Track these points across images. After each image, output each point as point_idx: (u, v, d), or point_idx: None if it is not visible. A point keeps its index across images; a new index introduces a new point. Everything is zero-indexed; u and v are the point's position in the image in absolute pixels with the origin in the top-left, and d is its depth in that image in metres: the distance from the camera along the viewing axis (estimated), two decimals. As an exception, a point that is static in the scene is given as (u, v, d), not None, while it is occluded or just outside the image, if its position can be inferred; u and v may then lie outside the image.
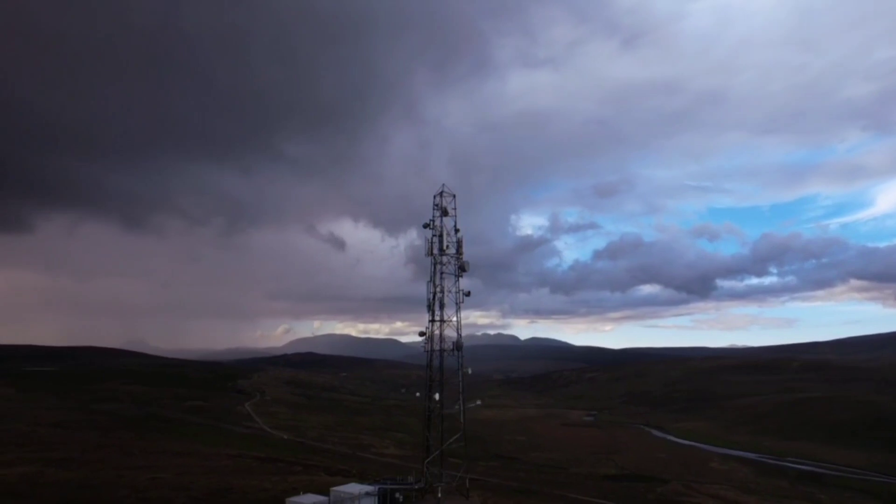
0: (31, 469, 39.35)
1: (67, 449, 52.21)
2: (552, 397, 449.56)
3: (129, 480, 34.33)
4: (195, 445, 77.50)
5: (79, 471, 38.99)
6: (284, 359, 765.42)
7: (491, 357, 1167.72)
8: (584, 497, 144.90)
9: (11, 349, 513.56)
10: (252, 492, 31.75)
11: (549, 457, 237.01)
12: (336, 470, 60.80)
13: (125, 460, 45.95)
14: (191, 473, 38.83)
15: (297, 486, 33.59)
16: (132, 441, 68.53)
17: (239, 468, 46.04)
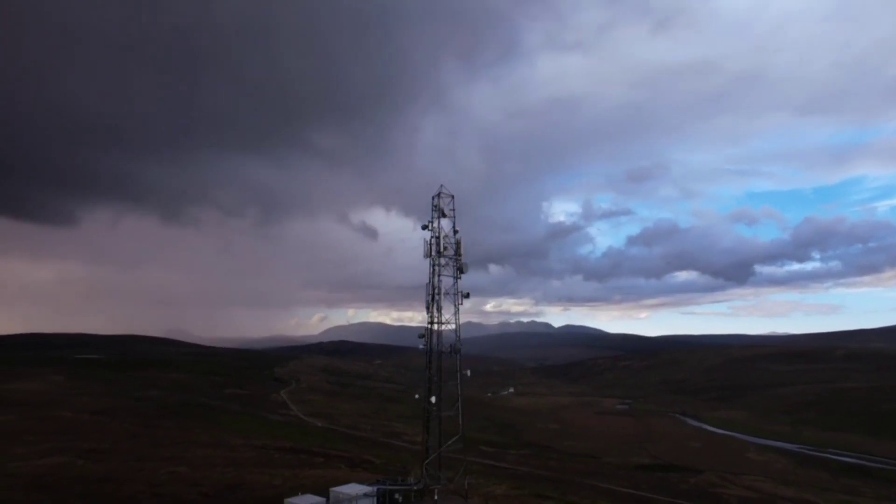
0: (62, 460, 41.19)
1: (101, 439, 54.40)
2: (586, 385, 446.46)
3: (148, 474, 35.54)
4: (226, 435, 79.71)
5: (106, 463, 40.61)
6: (319, 347, 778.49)
7: (524, 344, 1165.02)
8: (614, 487, 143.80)
9: (62, 337, 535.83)
10: (260, 488, 32.46)
11: (581, 445, 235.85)
12: (360, 461, 61.73)
13: (152, 452, 47.62)
14: (211, 466, 39.99)
15: (305, 483, 34.15)
16: (165, 431, 70.89)
17: (261, 460, 47.17)
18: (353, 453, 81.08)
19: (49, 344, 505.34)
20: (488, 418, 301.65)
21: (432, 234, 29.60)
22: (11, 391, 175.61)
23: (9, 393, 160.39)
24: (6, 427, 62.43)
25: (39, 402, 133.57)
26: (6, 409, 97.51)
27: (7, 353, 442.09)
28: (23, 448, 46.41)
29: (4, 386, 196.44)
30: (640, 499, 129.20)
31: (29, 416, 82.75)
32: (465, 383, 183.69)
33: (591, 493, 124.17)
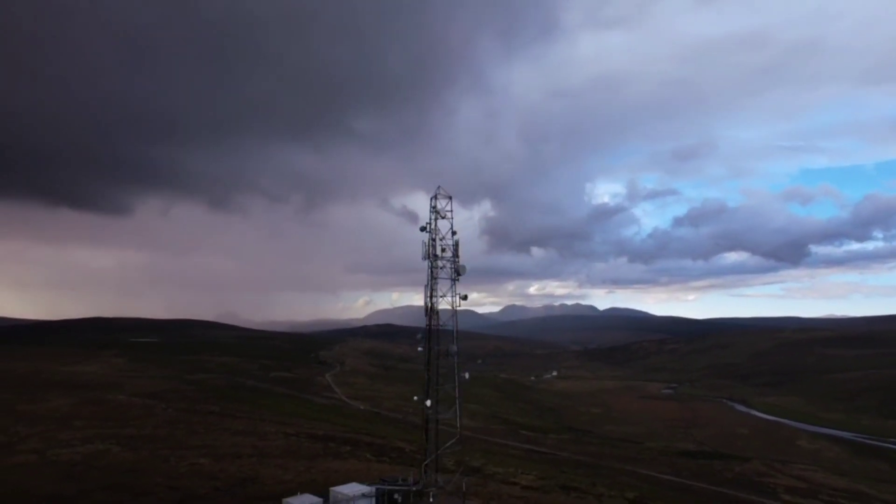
0: (101, 447, 43.62)
1: (143, 425, 57.25)
2: (630, 369, 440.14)
3: (172, 465, 37.26)
4: (262, 422, 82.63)
5: (139, 451, 42.75)
6: (364, 330, 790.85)
7: (568, 327, 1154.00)
8: (655, 473, 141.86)
9: (122, 322, 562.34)
10: (271, 483, 33.54)
11: (623, 430, 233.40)
12: (390, 449, 62.95)
13: (186, 439, 49.84)
14: (234, 457, 41.55)
15: (316, 479, 35.01)
16: (205, 417, 73.82)
17: (287, 450, 48.68)
18: (386, 440, 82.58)
19: (111, 327, 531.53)
20: (530, 402, 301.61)
21: (431, 235, 29.63)
22: (77, 373, 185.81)
23: (74, 375, 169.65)
24: (61, 411, 66.41)
25: (99, 384, 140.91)
26: (67, 392, 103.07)
27: (75, 336, 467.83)
28: (70, 434, 49.41)
29: (71, 368, 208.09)
30: (680, 486, 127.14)
31: (85, 399, 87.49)
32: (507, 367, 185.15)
33: (629, 480, 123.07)
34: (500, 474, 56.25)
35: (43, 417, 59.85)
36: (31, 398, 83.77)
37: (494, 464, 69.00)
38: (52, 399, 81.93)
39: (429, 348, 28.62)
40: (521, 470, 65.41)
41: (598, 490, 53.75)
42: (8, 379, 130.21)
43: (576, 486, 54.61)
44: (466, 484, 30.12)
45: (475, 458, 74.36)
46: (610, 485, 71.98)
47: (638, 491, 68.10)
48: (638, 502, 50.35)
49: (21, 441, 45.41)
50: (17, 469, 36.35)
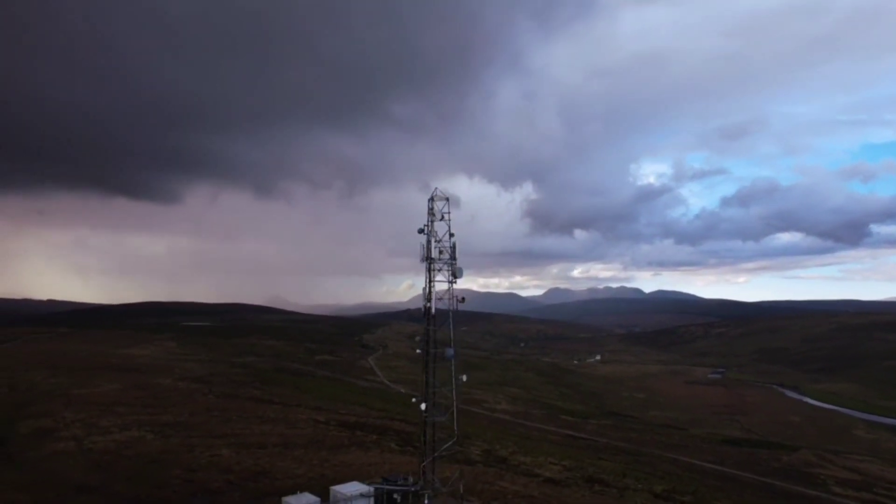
0: (136, 435, 45.65)
1: (181, 412, 59.56)
2: (676, 353, 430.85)
3: (194, 456, 38.52)
4: (298, 408, 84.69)
5: (171, 439, 44.52)
6: (407, 313, 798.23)
7: (612, 310, 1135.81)
8: (697, 461, 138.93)
9: (173, 306, 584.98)
10: (282, 477, 34.22)
11: (667, 416, 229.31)
12: (406, 438, 63.54)
13: (218, 427, 51.53)
14: (258, 447, 42.70)
15: (327, 474, 35.52)
16: (243, 403, 76.22)
17: (312, 439, 49.73)
18: (418, 426, 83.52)
19: (165, 311, 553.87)
20: (572, 386, 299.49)
21: (428, 237, 29.34)
22: (131, 356, 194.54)
23: (129, 359, 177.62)
24: (107, 397, 69.71)
25: (150, 367, 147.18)
26: (119, 376, 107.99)
27: (132, 319, 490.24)
28: (111, 420, 51.86)
29: (127, 351, 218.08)
30: (723, 475, 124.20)
31: (133, 384, 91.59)
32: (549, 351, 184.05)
33: (669, 468, 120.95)
34: (526, 464, 56.08)
35: (90, 403, 62.92)
36: (84, 382, 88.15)
37: (524, 452, 68.87)
38: (102, 384, 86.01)
39: (427, 351, 28.52)
40: (550, 459, 65.03)
41: (624, 482, 52.91)
42: (69, 362, 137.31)
43: (602, 477, 53.92)
44: (464, 486, 30.10)
45: (506, 446, 74.42)
46: (642, 476, 70.91)
47: (669, 483, 66.70)
48: (666, 496, 49.23)
49: (65, 427, 48.00)
50: (55, 457, 38.43)
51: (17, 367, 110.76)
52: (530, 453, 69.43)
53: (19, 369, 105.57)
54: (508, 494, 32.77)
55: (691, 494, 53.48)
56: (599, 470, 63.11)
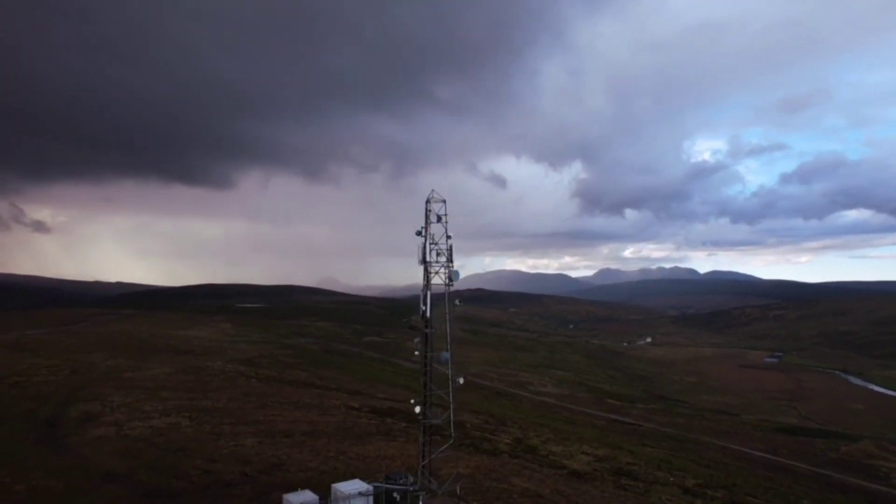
0: (173, 421, 47.80)
1: (221, 396, 61.90)
2: (731, 336, 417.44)
3: (218, 445, 39.85)
4: (338, 391, 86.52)
5: (203, 426, 46.36)
6: (456, 294, 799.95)
7: (666, 292, 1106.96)
8: (747, 449, 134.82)
9: (229, 288, 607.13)
10: (295, 470, 34.92)
11: (718, 401, 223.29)
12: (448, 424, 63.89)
13: (252, 414, 53.28)
14: (284, 436, 43.82)
15: (338, 468, 35.97)
16: (284, 386, 78.63)
17: (340, 427, 50.73)
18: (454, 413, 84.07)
19: (222, 293, 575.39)
20: (620, 369, 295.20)
21: (425, 239, 29.06)
22: (188, 338, 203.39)
23: (185, 340, 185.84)
24: (156, 381, 73.17)
25: (204, 349, 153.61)
26: (171, 359, 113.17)
27: (191, 301, 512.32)
28: (154, 405, 54.47)
29: (184, 332, 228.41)
30: (774, 465, 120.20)
31: (183, 367, 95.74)
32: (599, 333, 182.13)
33: (716, 456, 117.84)
34: (556, 455, 55.63)
35: (139, 387, 66.26)
36: (138, 365, 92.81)
37: (558, 440, 68.41)
38: (154, 367, 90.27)
39: (425, 353, 28.46)
40: (584, 448, 64.32)
41: (656, 475, 51.74)
42: (129, 343, 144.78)
43: (633, 469, 52.88)
44: (473, 483, 30.06)
45: (541, 434, 74.12)
46: (681, 466, 69.25)
47: (708, 474, 64.92)
48: (697, 491, 47.77)
49: (110, 412, 50.73)
50: (94, 443, 40.72)
51: (82, 348, 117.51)
52: (565, 441, 68.86)
53: (83, 351, 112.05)
54: (514, 494, 32.51)
55: (726, 489, 51.80)
56: (636, 459, 61.96)
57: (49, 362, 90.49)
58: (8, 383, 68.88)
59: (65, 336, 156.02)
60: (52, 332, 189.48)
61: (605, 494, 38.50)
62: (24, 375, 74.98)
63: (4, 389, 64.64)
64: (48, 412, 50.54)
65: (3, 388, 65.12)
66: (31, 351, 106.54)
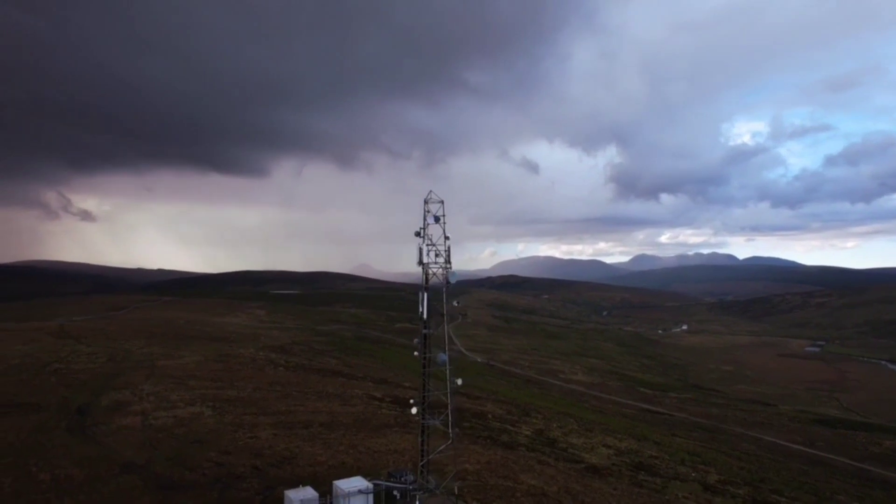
0: (197, 411, 49.17)
1: (246, 386, 63.35)
2: (770, 324, 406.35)
3: (235, 437, 40.68)
4: (364, 379, 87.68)
5: (224, 416, 47.55)
6: (489, 281, 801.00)
7: (703, 278, 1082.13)
8: (782, 441, 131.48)
9: (265, 274, 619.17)
10: (304, 464, 35.38)
11: (755, 391, 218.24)
12: (472, 415, 64.04)
13: (274, 404, 54.35)
14: (303, 426, 44.53)
15: (347, 462, 36.36)
16: (308, 375, 79.90)
17: (360, 417, 51.28)
18: (479, 402, 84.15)
19: (259, 280, 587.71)
20: (653, 357, 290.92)
21: (423, 240, 28.81)
22: (224, 325, 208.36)
23: (220, 327, 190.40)
24: (186, 369, 75.37)
25: (238, 336, 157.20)
26: (205, 346, 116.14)
27: (229, 287, 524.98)
28: (181, 394, 56.13)
29: (221, 319, 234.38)
30: (810, 458, 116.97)
31: (215, 355, 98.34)
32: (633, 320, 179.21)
33: (750, 447, 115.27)
34: (576, 447, 55.21)
35: (169, 375, 68.36)
36: (172, 353, 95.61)
37: (581, 431, 67.94)
38: (187, 355, 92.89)
39: (424, 354, 28.41)
40: (607, 440, 63.75)
41: (677, 470, 50.84)
42: (166, 330, 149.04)
43: (654, 463, 52.03)
44: (459, 487, 30.10)
45: (565, 424, 73.66)
46: (708, 459, 68.00)
47: (738, 467, 63.56)
48: (718, 488, 46.67)
49: (139, 401, 52.52)
50: (119, 432, 42.24)
51: (121, 336, 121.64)
52: (588, 433, 68.35)
53: (122, 338, 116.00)
54: (518, 492, 32.29)
55: (751, 486, 50.52)
56: (661, 452, 61.10)
57: (89, 350, 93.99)
58: (50, 370, 71.95)
59: (107, 323, 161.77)
60: (96, 318, 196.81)
61: (618, 492, 38.05)
62: (65, 363, 78.17)
63: (46, 376, 67.53)
64: (82, 400, 52.60)
65: (44, 376, 68.03)
66: (75, 338, 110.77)
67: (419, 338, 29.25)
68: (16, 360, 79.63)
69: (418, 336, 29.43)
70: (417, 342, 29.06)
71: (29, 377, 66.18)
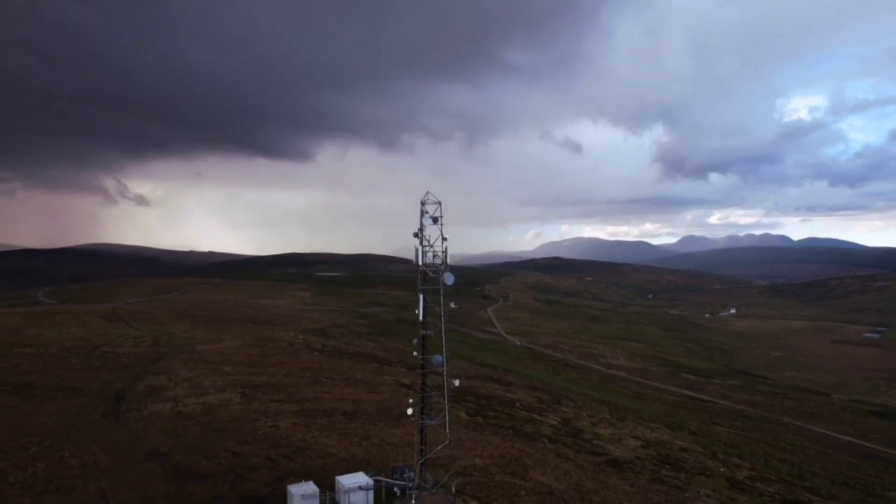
0: (225, 397, 50.76)
1: (279, 371, 64.96)
2: (825, 308, 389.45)
3: (256, 425, 41.56)
4: (396, 364, 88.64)
5: (252, 403, 48.88)
6: (532, 263, 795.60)
7: (755, 260, 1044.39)
8: (832, 432, 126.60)
9: (310, 257, 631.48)
10: (316, 455, 35.83)
11: (806, 378, 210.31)
12: (499, 403, 63.86)
13: (303, 390, 55.50)
14: (323, 415, 45.21)
15: (357, 454, 36.78)
16: (341, 362, 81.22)
17: (384, 406, 51.64)
18: (510, 388, 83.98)
19: (304, 262, 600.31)
20: (699, 342, 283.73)
21: (420, 242, 28.44)
22: (269, 307, 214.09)
23: (264, 310, 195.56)
24: (223, 354, 77.87)
25: (281, 319, 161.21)
26: (246, 330, 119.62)
27: (275, 269, 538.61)
28: (213, 380, 58.10)
29: (265, 301, 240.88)
30: (862, 451, 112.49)
31: (254, 339, 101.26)
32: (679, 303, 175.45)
33: (796, 438, 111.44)
34: (602, 438, 54.42)
35: (206, 360, 70.79)
36: (212, 337, 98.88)
37: (611, 421, 66.93)
38: (227, 339, 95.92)
39: (422, 355, 28.21)
40: (637, 430, 62.65)
41: (704, 465, 49.44)
42: (211, 314, 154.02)
43: (681, 457, 50.69)
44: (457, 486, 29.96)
45: (596, 413, 72.73)
46: (742, 452, 66.05)
47: (779, 459, 61.43)
48: (747, 484, 45.03)
49: (173, 386, 54.64)
50: (149, 419, 44.05)
51: (167, 319, 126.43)
52: (618, 422, 67.27)
53: (168, 322, 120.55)
54: (522, 491, 31.90)
55: (784, 482, 48.68)
56: (694, 443, 59.64)
57: (136, 333, 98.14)
58: (97, 354, 75.55)
59: (156, 306, 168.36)
60: (148, 301, 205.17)
61: (633, 489, 37.29)
62: (112, 346, 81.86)
63: (92, 360, 70.96)
64: (121, 385, 55.09)
65: (91, 359, 71.48)
66: (124, 321, 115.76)
67: (418, 338, 29.20)
68: (69, 344, 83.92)
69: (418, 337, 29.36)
70: (416, 342, 29.00)
71: (77, 361, 69.70)
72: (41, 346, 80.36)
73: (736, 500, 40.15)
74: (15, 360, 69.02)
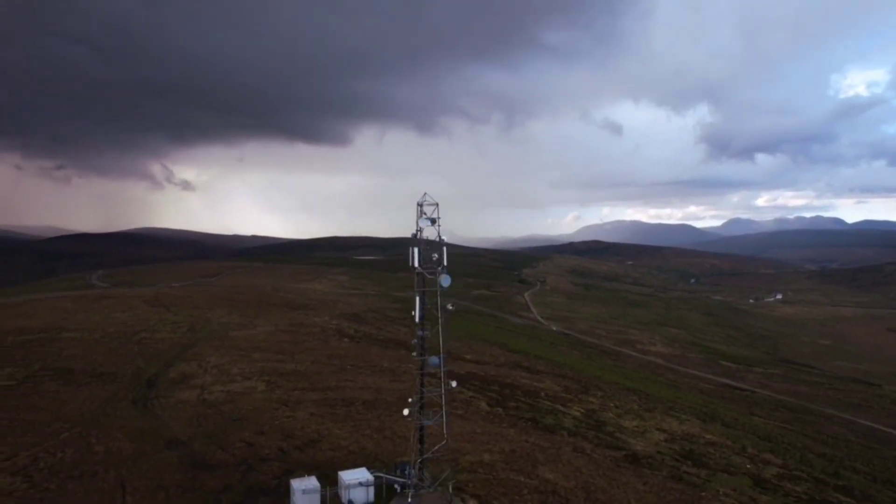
0: (248, 386, 52.05)
1: (306, 359, 66.14)
2: (880, 295, 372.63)
3: (274, 415, 42.32)
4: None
5: (275, 391, 49.96)
6: (571, 247, 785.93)
7: (805, 243, 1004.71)
8: (880, 426, 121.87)
9: (350, 240, 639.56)
10: (327, 448, 36.19)
11: (856, 368, 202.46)
12: (524, 393, 63.50)
13: (327, 379, 56.35)
14: (342, 405, 45.72)
15: (367, 447, 36.98)
16: (369, 349, 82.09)
17: (406, 395, 51.58)
18: (538, 376, 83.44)
19: (344, 245, 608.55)
20: (741, 328, 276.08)
21: (418, 243, 28.11)
22: (306, 291, 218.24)
23: (302, 294, 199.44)
24: (254, 340, 79.86)
25: (317, 303, 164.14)
26: (280, 315, 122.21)
27: (315, 252, 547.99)
28: (242, 367, 59.63)
29: (303, 285, 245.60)
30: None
31: (288, 324, 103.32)
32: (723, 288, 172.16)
33: (839, 431, 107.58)
34: (626, 431, 53.57)
35: (237, 347, 72.69)
36: (247, 323, 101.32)
37: (639, 412, 65.79)
38: (261, 324, 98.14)
39: (421, 354, 28.07)
40: (664, 422, 61.45)
41: (728, 462, 48.01)
42: (248, 298, 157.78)
43: (706, 452, 49.42)
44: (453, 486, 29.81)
45: (623, 404, 71.60)
46: (777, 446, 64.05)
47: (819, 452, 59.22)
48: (772, 483, 43.61)
49: (202, 373, 56.36)
50: (175, 406, 45.60)
51: (205, 304, 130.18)
52: (646, 413, 66.11)
53: (206, 307, 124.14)
54: (526, 489, 31.62)
55: (813, 481, 46.90)
56: (723, 437, 58.11)
57: (175, 318, 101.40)
58: (136, 339, 78.50)
59: (197, 290, 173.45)
60: (190, 285, 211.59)
61: (646, 487, 36.54)
62: (150, 332, 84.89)
63: (131, 346, 73.76)
64: (153, 371, 57.19)
65: (129, 345, 74.30)
66: (165, 306, 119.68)
67: (416, 339, 29.18)
68: (111, 329, 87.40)
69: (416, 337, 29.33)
70: (415, 342, 28.99)
71: (117, 346, 72.59)
72: (86, 330, 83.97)
73: (757, 501, 38.98)
74: (61, 345, 72.41)
